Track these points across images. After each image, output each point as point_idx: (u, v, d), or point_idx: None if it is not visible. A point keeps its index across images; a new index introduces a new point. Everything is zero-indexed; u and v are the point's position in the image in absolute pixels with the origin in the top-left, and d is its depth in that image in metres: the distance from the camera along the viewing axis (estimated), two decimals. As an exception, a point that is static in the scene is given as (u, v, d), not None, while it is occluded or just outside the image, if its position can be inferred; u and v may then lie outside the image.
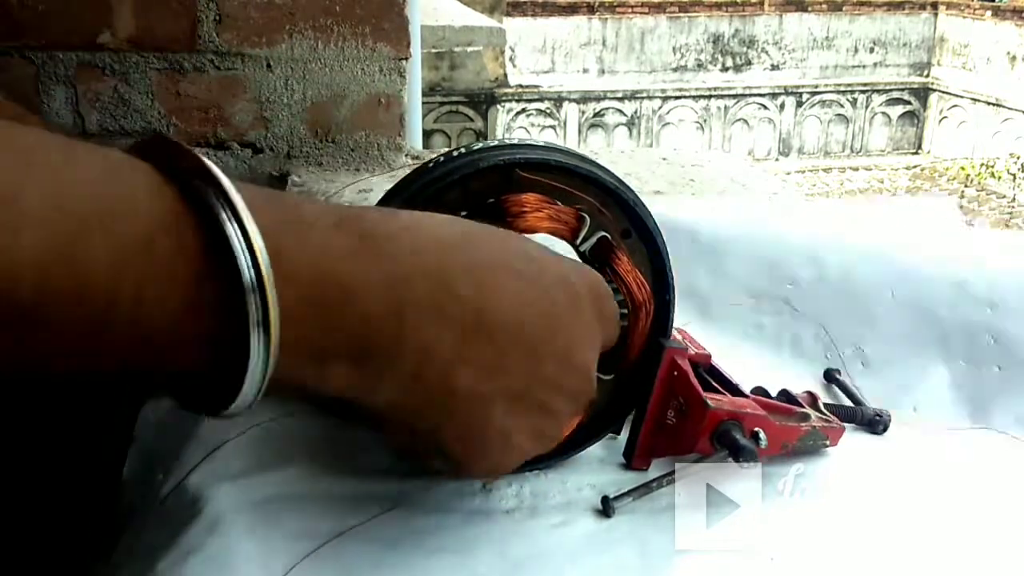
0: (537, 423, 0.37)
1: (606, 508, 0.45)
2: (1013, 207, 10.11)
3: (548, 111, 11.19)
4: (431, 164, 0.42)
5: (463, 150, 0.42)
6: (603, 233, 0.44)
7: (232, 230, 0.28)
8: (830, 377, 0.54)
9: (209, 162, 0.29)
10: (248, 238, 0.28)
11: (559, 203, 0.43)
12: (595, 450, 0.49)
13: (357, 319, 0.31)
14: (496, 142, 0.43)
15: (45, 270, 0.25)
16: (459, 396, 0.35)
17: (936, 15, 12.67)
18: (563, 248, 0.44)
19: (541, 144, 0.43)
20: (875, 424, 0.53)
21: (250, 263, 0.28)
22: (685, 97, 11.92)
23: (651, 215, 0.45)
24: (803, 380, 0.55)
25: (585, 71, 12.01)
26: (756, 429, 0.46)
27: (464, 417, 0.35)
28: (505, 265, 0.36)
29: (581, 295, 0.38)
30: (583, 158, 0.44)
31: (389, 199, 0.42)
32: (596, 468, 0.49)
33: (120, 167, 0.28)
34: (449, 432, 0.36)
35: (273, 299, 0.28)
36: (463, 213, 0.42)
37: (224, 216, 0.28)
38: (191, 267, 0.28)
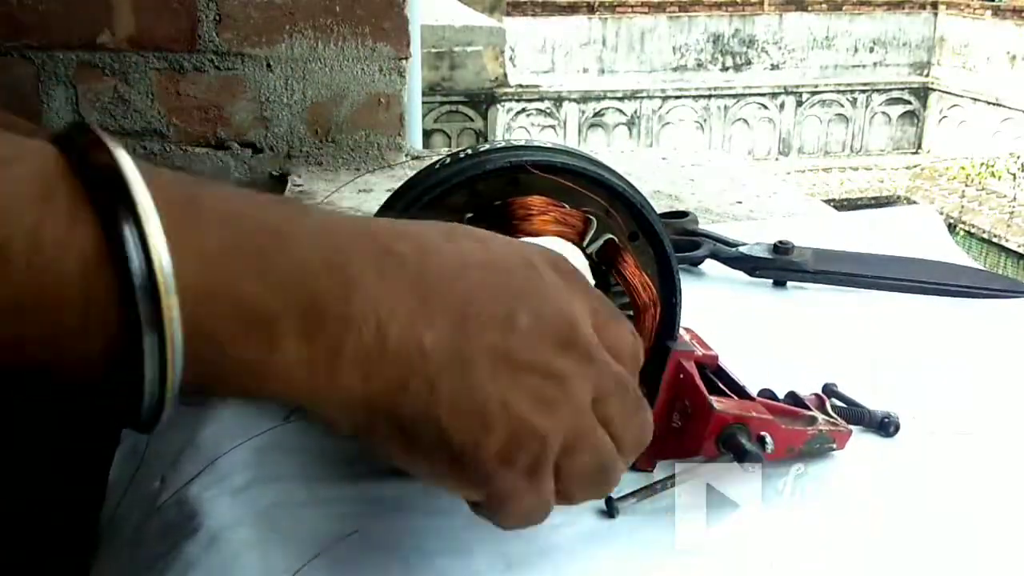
0: (537, 387, 0.33)
1: (610, 509, 0.45)
2: (1013, 207, 10.10)
3: (548, 111, 11.19)
4: (437, 166, 0.42)
5: (469, 151, 0.42)
6: (610, 235, 0.44)
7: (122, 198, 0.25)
8: (829, 392, 0.54)
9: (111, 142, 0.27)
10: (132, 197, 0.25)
11: (566, 205, 0.42)
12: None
13: (295, 267, 0.29)
14: (502, 143, 0.42)
15: None
16: (433, 358, 0.31)
17: (936, 15, 12.68)
18: (570, 250, 0.43)
19: (548, 145, 0.43)
20: (885, 427, 0.52)
21: (135, 225, 0.25)
22: (685, 97, 11.92)
23: (658, 217, 0.45)
24: (811, 382, 0.54)
25: (585, 71, 12.01)
26: (762, 433, 0.45)
27: (448, 382, 0.31)
28: (439, 230, 0.34)
29: (533, 257, 0.35)
30: (590, 160, 0.43)
31: (394, 201, 0.42)
32: (598, 469, 0.49)
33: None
34: (441, 409, 0.31)
35: (166, 263, 0.25)
36: (469, 215, 0.41)
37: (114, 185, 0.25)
38: (82, 248, 0.25)
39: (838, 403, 0.53)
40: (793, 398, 0.52)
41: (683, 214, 0.82)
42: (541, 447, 0.33)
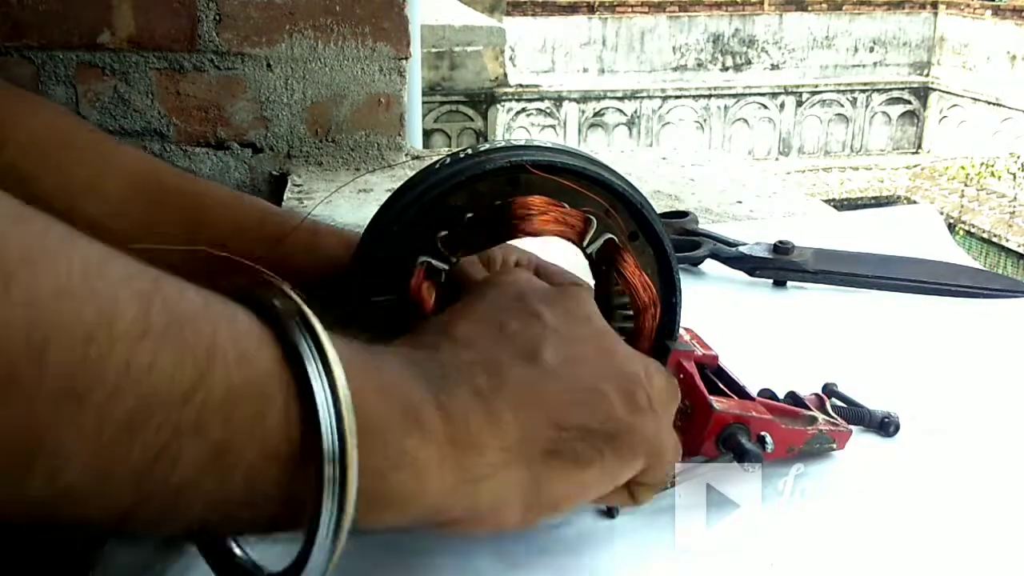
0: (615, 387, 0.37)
1: (610, 509, 0.45)
2: (1013, 207, 10.10)
3: (548, 111, 11.19)
4: (437, 166, 0.42)
5: (469, 151, 0.42)
6: (610, 235, 0.44)
7: (323, 398, 0.27)
8: (829, 392, 0.54)
9: (309, 313, 0.28)
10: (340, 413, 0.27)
11: (566, 205, 0.42)
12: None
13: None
14: (502, 143, 0.42)
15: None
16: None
17: (936, 14, 12.68)
18: (569, 250, 0.43)
19: (548, 145, 0.43)
20: (885, 427, 0.52)
21: (335, 435, 0.27)
22: (685, 97, 11.92)
23: (658, 217, 0.45)
24: (811, 382, 0.54)
25: (585, 71, 12.01)
26: (762, 433, 0.45)
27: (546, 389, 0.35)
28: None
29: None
30: (590, 159, 0.43)
31: (394, 201, 0.42)
32: (599, 470, 0.49)
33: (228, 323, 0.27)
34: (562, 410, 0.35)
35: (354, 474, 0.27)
36: (469, 215, 0.41)
37: (319, 386, 0.27)
38: (277, 426, 0.27)
39: (838, 403, 0.53)
40: (793, 398, 0.52)
41: (683, 214, 0.82)
42: (639, 381, 0.37)
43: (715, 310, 0.59)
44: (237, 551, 0.30)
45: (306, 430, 0.27)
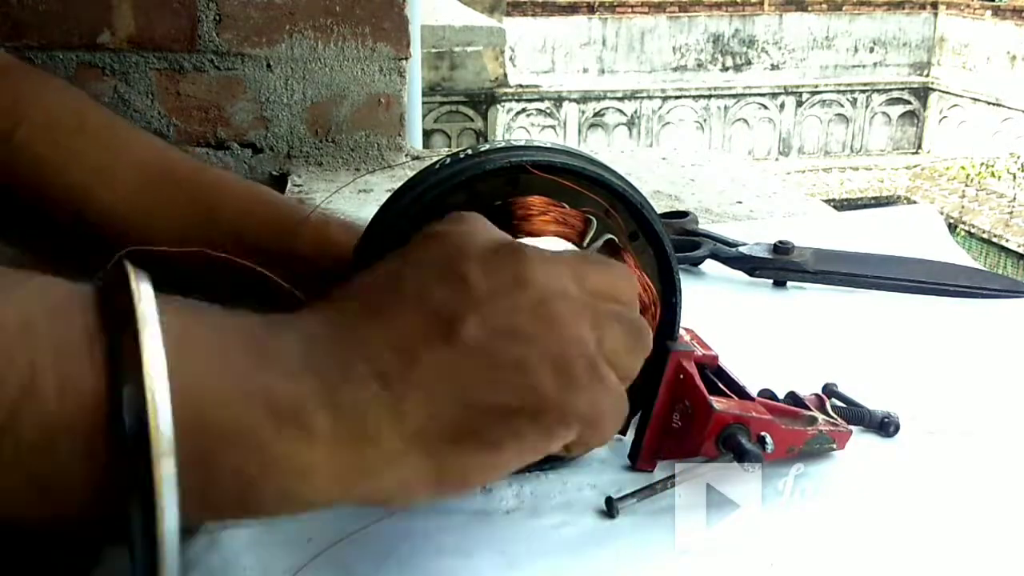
0: (533, 335, 0.33)
1: (610, 509, 0.45)
2: (1013, 207, 10.10)
3: (548, 111, 11.19)
4: (437, 166, 0.42)
5: (469, 151, 0.42)
6: (610, 236, 0.44)
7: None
8: (829, 392, 0.54)
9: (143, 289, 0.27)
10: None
11: (566, 205, 0.42)
12: (597, 451, 0.49)
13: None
14: (502, 143, 0.42)
15: None
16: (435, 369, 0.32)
17: (936, 15, 12.68)
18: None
19: (548, 146, 0.43)
20: (885, 427, 0.52)
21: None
22: (685, 97, 11.93)
23: (658, 217, 0.45)
24: (811, 382, 0.54)
25: (585, 71, 12.02)
26: (762, 433, 0.45)
27: (465, 374, 0.32)
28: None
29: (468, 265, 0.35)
30: (590, 160, 0.43)
31: (394, 201, 0.42)
32: (597, 469, 0.49)
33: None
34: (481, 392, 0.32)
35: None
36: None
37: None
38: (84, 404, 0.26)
39: (838, 403, 0.53)
40: (793, 398, 0.52)
41: (683, 214, 0.82)
42: (582, 349, 0.34)
43: (715, 310, 0.59)
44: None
45: (114, 455, 0.26)
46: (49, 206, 0.47)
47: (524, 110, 10.87)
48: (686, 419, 0.46)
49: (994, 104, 11.63)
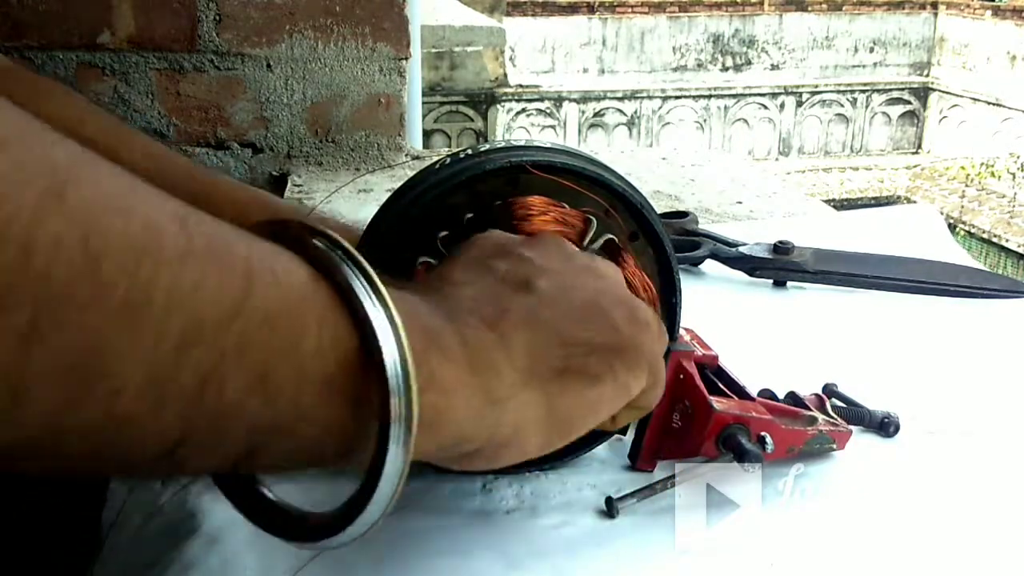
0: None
1: (610, 509, 0.45)
2: (1013, 207, 10.10)
3: (548, 111, 11.19)
4: (437, 166, 0.42)
5: (469, 151, 0.42)
6: (610, 236, 0.44)
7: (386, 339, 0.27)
8: (829, 392, 0.54)
9: (343, 241, 0.28)
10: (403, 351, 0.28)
11: (566, 205, 0.42)
12: (596, 451, 0.49)
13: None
14: (503, 143, 0.42)
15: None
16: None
17: (936, 15, 12.68)
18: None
19: (548, 146, 0.43)
20: (885, 427, 0.52)
21: (400, 371, 0.27)
22: (685, 97, 11.92)
23: (658, 218, 0.45)
24: (811, 382, 0.54)
25: (585, 71, 12.01)
26: (762, 434, 0.45)
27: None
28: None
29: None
30: (590, 160, 0.43)
31: (394, 201, 0.42)
32: (597, 469, 0.49)
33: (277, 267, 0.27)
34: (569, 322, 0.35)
35: (416, 405, 0.28)
36: (469, 215, 0.41)
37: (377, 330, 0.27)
38: (339, 366, 0.27)
39: (838, 403, 0.53)
40: (793, 398, 0.52)
41: (683, 214, 0.82)
42: (636, 300, 0.39)
43: (715, 310, 0.59)
44: (270, 495, 0.30)
45: (358, 356, 0.27)
46: None
47: (524, 110, 10.86)
48: (686, 419, 0.46)
49: (994, 104, 11.62)
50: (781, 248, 0.74)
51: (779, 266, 0.74)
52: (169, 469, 0.26)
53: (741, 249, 0.75)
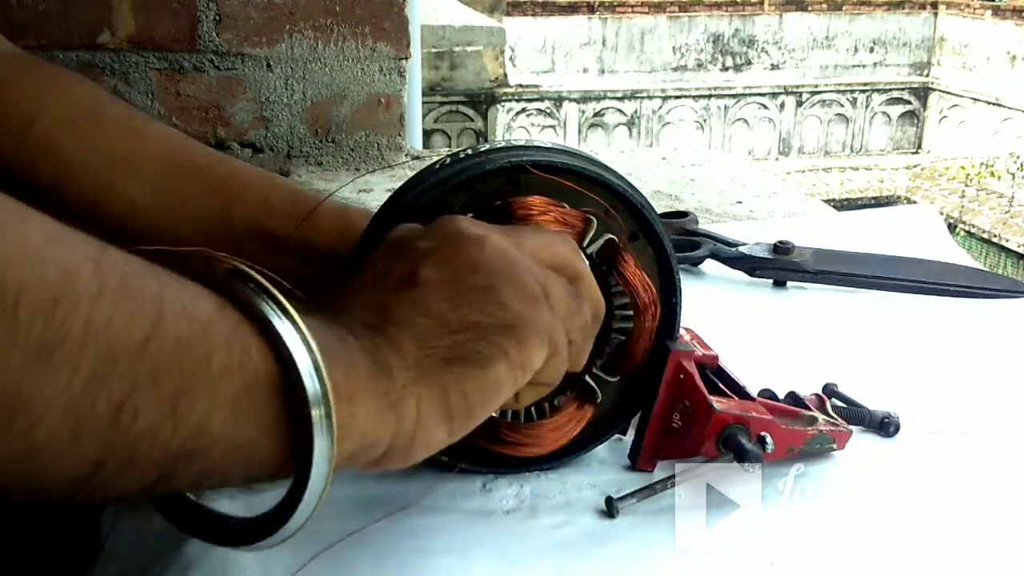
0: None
1: (610, 509, 0.45)
2: (1012, 207, 10.10)
3: (548, 111, 11.19)
4: (437, 166, 0.42)
5: (469, 151, 0.42)
6: (610, 235, 0.44)
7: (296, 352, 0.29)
8: (829, 392, 0.54)
9: (243, 265, 0.30)
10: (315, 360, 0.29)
11: (566, 205, 0.42)
12: (596, 451, 0.49)
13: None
14: (503, 143, 0.42)
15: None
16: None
17: (936, 15, 12.68)
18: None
19: (548, 146, 0.43)
20: (885, 427, 0.52)
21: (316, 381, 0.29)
22: (685, 97, 11.92)
23: (658, 217, 0.45)
24: (811, 382, 0.54)
25: (585, 71, 12.01)
26: (762, 434, 0.45)
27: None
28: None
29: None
30: (590, 160, 0.43)
31: (395, 201, 0.42)
32: (597, 468, 0.49)
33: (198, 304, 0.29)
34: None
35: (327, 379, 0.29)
36: (469, 215, 0.41)
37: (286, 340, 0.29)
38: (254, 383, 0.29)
39: (838, 403, 0.53)
40: (793, 398, 0.52)
41: (683, 214, 0.82)
42: (532, 275, 0.38)
43: (715, 310, 0.59)
44: (198, 502, 0.32)
45: (267, 373, 0.29)
46: (69, 199, 0.48)
47: (524, 110, 10.86)
48: (686, 419, 0.46)
49: (994, 104, 11.62)
50: (781, 248, 0.74)
51: (779, 266, 0.74)
52: (86, 494, 0.27)
53: (741, 249, 0.75)
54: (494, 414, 0.43)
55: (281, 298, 0.29)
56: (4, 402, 0.23)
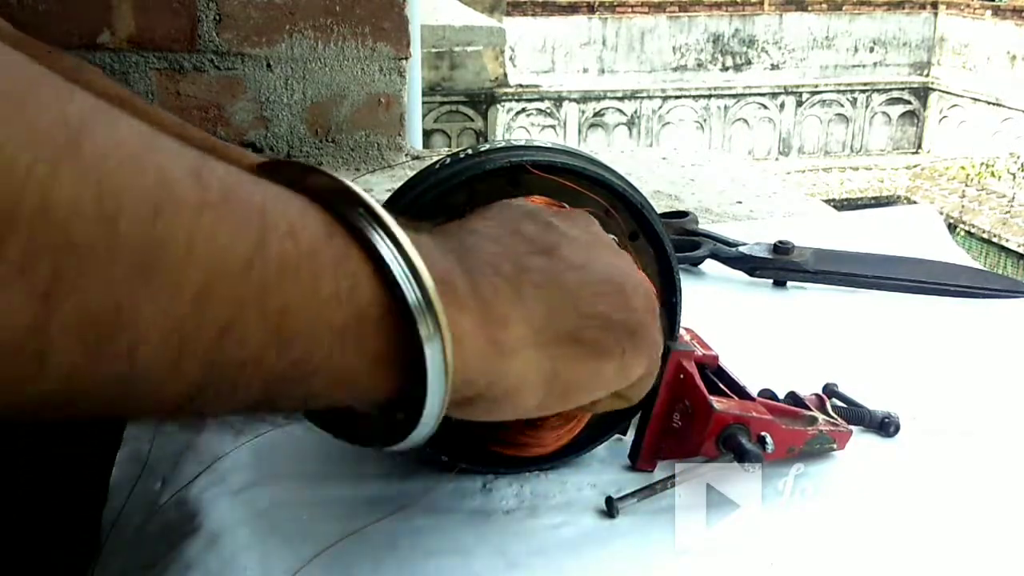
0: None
1: (610, 509, 0.45)
2: (1012, 207, 10.10)
3: (548, 111, 11.19)
4: (437, 166, 0.42)
5: (469, 151, 0.42)
6: (610, 235, 0.44)
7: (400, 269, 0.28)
8: (829, 392, 0.54)
9: (354, 186, 0.28)
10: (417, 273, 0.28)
11: (566, 205, 0.42)
12: (596, 451, 0.49)
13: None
14: (503, 143, 0.42)
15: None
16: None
17: (936, 14, 12.68)
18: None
19: (548, 145, 0.43)
20: (885, 427, 0.52)
21: (417, 291, 0.28)
22: (685, 97, 11.92)
23: (658, 217, 0.45)
24: (811, 382, 0.54)
25: (585, 71, 12.01)
26: (762, 434, 0.45)
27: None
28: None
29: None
30: (590, 160, 0.43)
31: (395, 201, 0.42)
32: (597, 468, 0.49)
33: (280, 204, 0.27)
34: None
35: (444, 320, 0.28)
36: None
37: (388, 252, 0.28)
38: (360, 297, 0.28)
39: (838, 403, 0.53)
40: (793, 398, 0.52)
41: (683, 214, 0.82)
42: (648, 286, 0.39)
43: (715, 310, 0.59)
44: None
45: (375, 301, 0.27)
46: None
47: (524, 110, 10.86)
48: (686, 419, 0.46)
49: (994, 104, 11.62)
50: (781, 248, 0.74)
51: (779, 266, 0.74)
52: (188, 415, 0.26)
53: (741, 249, 0.75)
54: None
55: (391, 226, 0.28)
56: (106, 319, 0.21)
